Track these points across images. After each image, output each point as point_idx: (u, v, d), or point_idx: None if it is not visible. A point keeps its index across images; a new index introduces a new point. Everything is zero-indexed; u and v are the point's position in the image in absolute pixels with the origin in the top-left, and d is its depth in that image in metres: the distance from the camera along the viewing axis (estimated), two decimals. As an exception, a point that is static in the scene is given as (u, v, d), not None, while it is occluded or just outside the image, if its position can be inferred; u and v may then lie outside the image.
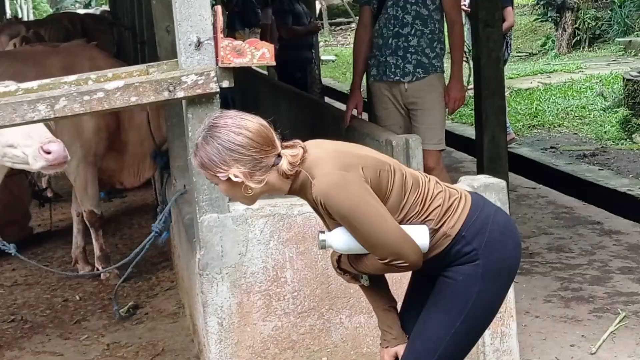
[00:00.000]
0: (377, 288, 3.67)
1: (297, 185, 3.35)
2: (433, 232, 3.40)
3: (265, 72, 13.72)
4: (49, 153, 4.90)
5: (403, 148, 5.63)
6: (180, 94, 4.39)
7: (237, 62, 4.38)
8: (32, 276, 7.40)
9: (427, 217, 3.40)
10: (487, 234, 3.43)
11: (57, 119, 4.44)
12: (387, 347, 3.67)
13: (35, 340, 6.06)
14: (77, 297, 6.84)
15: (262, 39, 9.79)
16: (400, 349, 3.61)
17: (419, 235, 3.37)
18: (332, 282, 4.70)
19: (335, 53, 25.14)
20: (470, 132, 11.84)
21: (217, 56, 4.41)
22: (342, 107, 7.50)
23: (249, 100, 11.03)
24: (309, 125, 7.99)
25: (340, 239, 3.41)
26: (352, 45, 7.16)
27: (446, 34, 6.64)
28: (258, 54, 4.38)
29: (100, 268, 7.14)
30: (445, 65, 6.66)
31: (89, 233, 7.22)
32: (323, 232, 3.48)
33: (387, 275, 3.72)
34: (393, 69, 6.48)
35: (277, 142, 3.32)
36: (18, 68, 6.81)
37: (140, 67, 4.67)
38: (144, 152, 7.10)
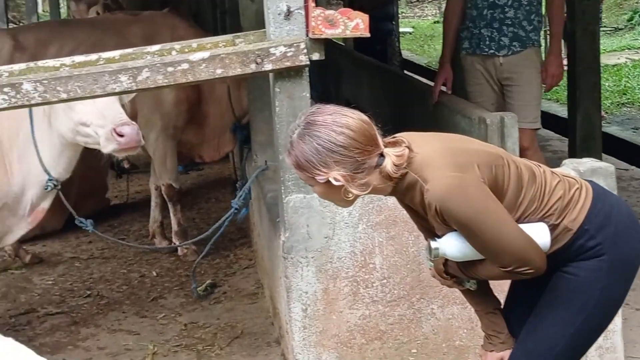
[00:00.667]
0: (481, 289, 3.37)
1: (402, 187, 3.03)
2: (553, 228, 3.07)
3: (342, 43, 13.41)
4: (121, 136, 4.69)
5: (498, 127, 5.30)
6: (267, 66, 4.14)
7: (329, 33, 4.11)
8: (108, 249, 7.26)
9: (546, 212, 3.08)
10: (613, 227, 3.10)
11: (139, 91, 4.22)
12: (492, 350, 3.37)
13: (112, 317, 5.91)
14: (154, 273, 6.68)
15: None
16: (507, 354, 3.31)
17: (539, 235, 3.05)
18: (423, 269, 4.42)
19: (412, 25, 24.64)
20: (555, 108, 11.43)
21: (307, 27, 4.15)
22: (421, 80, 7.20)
23: (328, 73, 10.75)
24: (392, 100, 7.68)
25: (456, 247, 3.09)
26: (429, 18, 6.83)
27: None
28: (351, 24, 4.11)
29: (177, 243, 6.96)
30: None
31: (167, 207, 7.04)
32: (434, 239, 3.14)
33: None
34: (487, 42, 6.13)
35: (380, 140, 2.99)
36: (98, 37, 6.64)
37: (226, 38, 4.43)
38: (224, 125, 6.88)
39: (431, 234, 3.20)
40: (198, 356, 5.20)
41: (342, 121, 2.92)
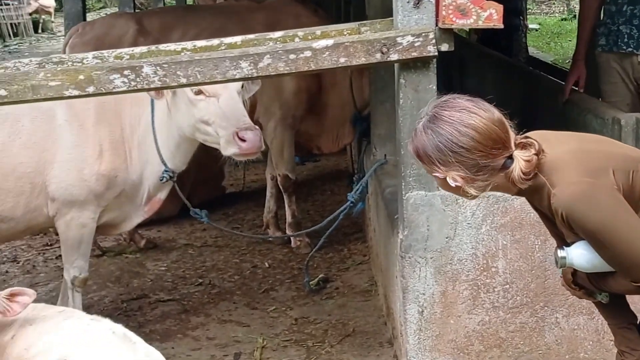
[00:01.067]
0: (615, 302, 3.12)
1: (530, 189, 2.84)
2: None
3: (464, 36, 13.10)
4: (243, 140, 4.59)
5: (633, 128, 4.98)
6: (393, 56, 3.96)
7: (460, 23, 3.91)
8: (222, 238, 7.20)
9: None
10: None
11: (259, 78, 4.09)
12: None
13: (222, 307, 5.83)
14: (266, 264, 6.58)
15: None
16: None
17: None
18: (549, 276, 4.18)
19: (539, 22, 24.06)
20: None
21: (437, 16, 3.96)
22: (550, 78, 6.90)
23: (450, 66, 10.49)
24: (519, 97, 7.39)
25: (584, 257, 2.89)
26: (556, 15, 6.51)
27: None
28: (484, 15, 3.90)
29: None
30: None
31: (282, 198, 6.94)
32: (562, 247, 2.95)
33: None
34: (626, 40, 5.79)
35: (511, 141, 2.78)
36: (222, 24, 6.56)
37: (351, 26, 4.27)
38: (344, 116, 6.71)
39: (562, 240, 2.98)
40: (308, 353, 5.07)
41: (468, 121, 2.73)
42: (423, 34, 3.93)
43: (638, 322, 3.16)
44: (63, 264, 5.15)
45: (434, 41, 3.92)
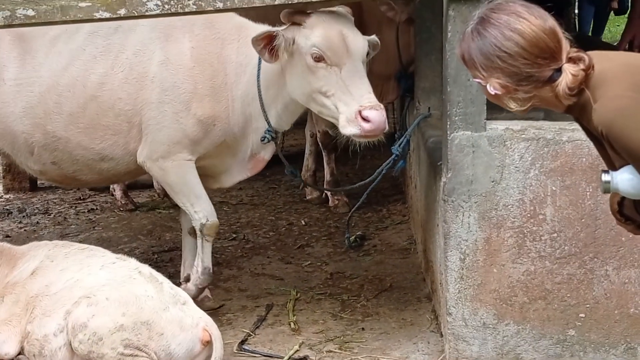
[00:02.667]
0: None
1: (578, 106, 2.64)
2: None
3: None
4: (367, 121, 4.04)
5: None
6: (443, -16, 3.74)
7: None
8: (258, 197, 7.05)
9: None
10: None
11: (300, 5, 3.89)
12: None
13: (255, 261, 5.66)
14: (303, 222, 6.41)
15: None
16: None
17: None
18: (600, 225, 3.94)
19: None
20: None
21: (491, -58, 3.71)
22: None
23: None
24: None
25: (630, 182, 2.68)
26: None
27: None
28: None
29: (329, 194, 6.66)
30: None
31: (321, 156, 6.74)
32: (607, 171, 2.73)
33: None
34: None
35: (562, 53, 2.58)
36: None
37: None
38: (389, 72, 6.44)
39: (612, 165, 2.75)
40: (342, 305, 4.88)
41: (515, 26, 2.56)
42: (475, -38, 3.71)
43: None
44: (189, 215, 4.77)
45: (457, 51, 3.69)
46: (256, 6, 3.83)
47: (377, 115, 4.05)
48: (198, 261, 4.71)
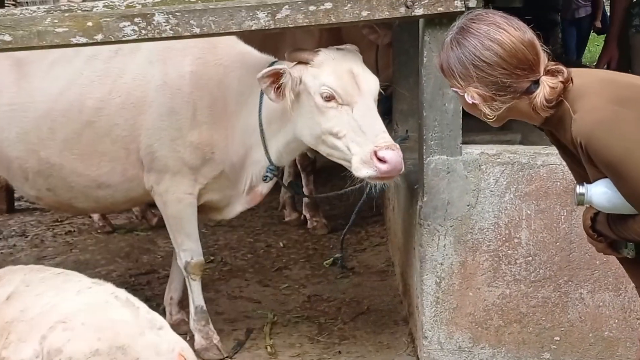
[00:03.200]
0: None
1: (555, 118, 2.67)
2: None
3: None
4: (382, 162, 3.79)
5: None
6: (418, 11, 3.78)
7: (489, -23, 3.70)
8: (236, 219, 6.90)
9: None
10: None
11: (277, 30, 3.90)
12: None
13: (233, 284, 5.65)
14: (281, 244, 6.40)
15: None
16: None
17: None
18: (574, 249, 3.97)
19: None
20: None
21: (466, -31, 3.76)
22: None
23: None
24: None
25: (605, 195, 2.69)
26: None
27: None
28: (514, -31, 3.69)
29: (307, 216, 6.66)
30: None
31: (300, 178, 6.75)
32: (582, 183, 2.75)
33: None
34: (660, 20, 5.63)
35: (540, 66, 2.63)
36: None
37: (375, -21, 4.07)
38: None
39: (584, 180, 2.77)
40: (319, 329, 4.88)
41: (495, 36, 2.61)
42: (450, -12, 3.74)
43: None
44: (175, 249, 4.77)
45: (436, 60, 3.72)
46: (233, 31, 3.85)
47: (394, 155, 3.79)
48: (190, 303, 4.68)
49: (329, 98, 3.93)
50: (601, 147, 2.55)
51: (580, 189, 2.73)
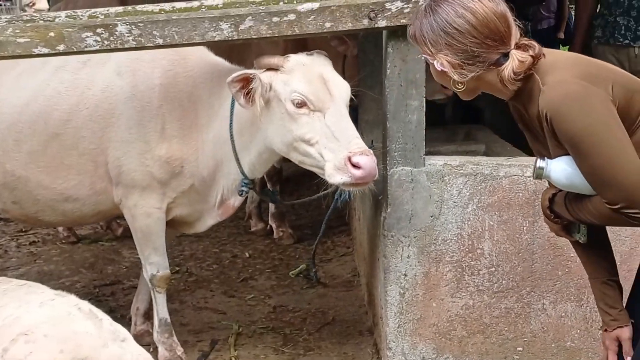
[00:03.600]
0: (596, 251, 2.94)
1: (525, 92, 2.71)
2: None
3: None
4: (357, 168, 3.70)
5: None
6: (382, 22, 3.79)
7: (451, -11, 3.72)
8: (202, 229, 7.00)
9: None
10: None
11: (240, 41, 3.89)
12: (606, 330, 2.92)
13: (198, 295, 5.63)
14: (247, 254, 6.39)
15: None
16: (623, 333, 2.86)
17: None
18: (537, 259, 4.00)
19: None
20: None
21: (428, -19, 3.77)
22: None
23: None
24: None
25: (564, 171, 2.72)
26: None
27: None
28: (477, -19, 3.71)
29: (274, 225, 6.66)
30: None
31: (265, 187, 6.74)
32: (543, 158, 2.79)
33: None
34: (623, 31, 5.68)
35: (511, 39, 2.68)
36: None
37: (339, -10, 4.08)
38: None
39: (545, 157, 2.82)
40: (284, 339, 4.86)
41: (468, 4, 2.65)
42: (413, 0, 3.76)
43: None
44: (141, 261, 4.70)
45: (410, 28, 3.73)
46: (196, 42, 3.84)
47: (368, 161, 3.71)
48: (155, 315, 4.65)
49: (301, 104, 3.86)
50: (565, 121, 2.58)
51: (540, 163, 2.77)
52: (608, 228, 2.97)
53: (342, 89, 3.96)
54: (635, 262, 3.90)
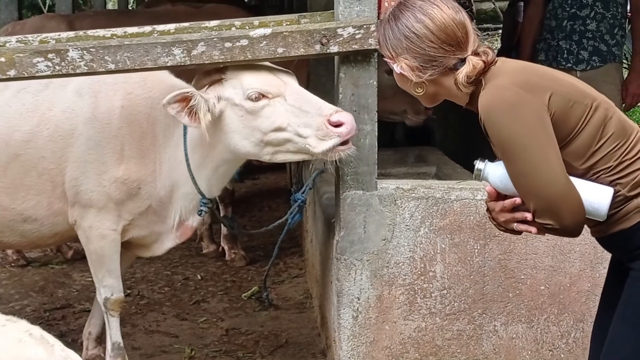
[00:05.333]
0: None
1: (475, 96, 2.79)
2: (623, 201, 2.72)
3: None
4: (339, 125, 3.66)
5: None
6: (334, 48, 3.82)
7: (403, 16, 3.76)
8: (153, 251, 6.96)
9: (620, 178, 2.72)
10: None
11: (192, 67, 3.89)
12: None
13: (150, 318, 5.60)
14: (199, 277, 6.37)
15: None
16: None
17: (595, 196, 2.69)
18: (488, 282, 4.05)
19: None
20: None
21: (379, 8, 3.84)
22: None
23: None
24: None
25: (501, 174, 2.78)
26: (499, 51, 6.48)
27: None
28: (427, 8, 3.77)
29: (226, 247, 6.65)
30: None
31: (217, 209, 6.73)
32: (484, 160, 2.86)
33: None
34: (565, 55, 5.79)
35: (469, 45, 2.78)
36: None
37: (291, 17, 4.12)
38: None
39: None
40: (237, 363, 4.87)
41: (428, 10, 2.78)
42: (364, 26, 3.80)
43: None
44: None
45: (375, 34, 3.78)
46: (148, 67, 3.84)
47: (345, 115, 3.71)
48: (107, 339, 4.61)
49: (258, 97, 3.81)
50: (494, 125, 2.69)
51: (479, 165, 2.85)
52: (557, 250, 3.03)
53: (288, 74, 3.97)
54: (584, 283, 3.99)
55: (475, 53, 2.77)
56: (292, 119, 3.78)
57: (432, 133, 7.00)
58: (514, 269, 4.02)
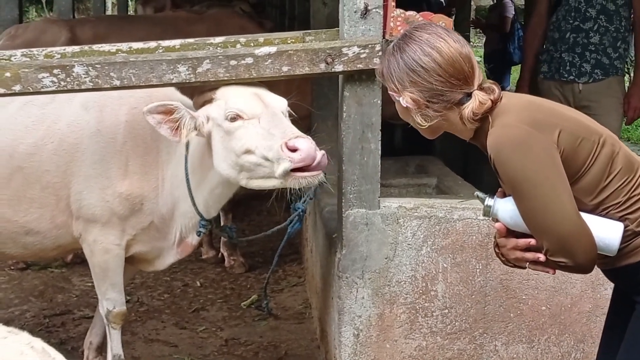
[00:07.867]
0: None
1: (482, 132, 2.79)
2: (632, 235, 2.72)
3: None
4: (294, 150, 3.59)
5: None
6: (338, 67, 3.81)
7: (408, 36, 3.76)
8: (153, 255, 6.95)
9: (630, 213, 2.73)
10: None
11: (197, 84, 3.89)
12: None
13: (149, 326, 5.60)
14: (198, 283, 6.37)
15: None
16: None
17: (606, 232, 2.69)
18: (489, 302, 4.05)
19: (480, 55, 24.22)
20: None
21: (385, 27, 3.83)
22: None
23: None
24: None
25: (510, 211, 2.77)
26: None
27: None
28: (433, 28, 3.76)
29: (225, 254, 6.65)
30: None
31: (217, 217, 6.73)
32: (493, 196, 2.85)
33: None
34: (568, 67, 5.78)
35: (475, 80, 2.76)
36: (158, 35, 6.32)
37: (296, 34, 4.11)
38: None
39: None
40: (237, 375, 4.87)
41: (435, 43, 2.74)
42: (370, 46, 3.79)
43: None
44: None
45: (380, 53, 3.78)
46: (154, 84, 3.83)
47: (305, 142, 3.60)
48: (108, 351, 4.61)
49: (234, 118, 3.78)
50: (505, 163, 2.67)
51: (488, 201, 2.83)
52: (558, 271, 3.01)
53: (275, 100, 3.91)
54: (585, 304, 4.00)
55: (481, 87, 2.76)
56: (260, 142, 3.71)
57: (432, 140, 6.98)
58: (516, 289, 4.03)
